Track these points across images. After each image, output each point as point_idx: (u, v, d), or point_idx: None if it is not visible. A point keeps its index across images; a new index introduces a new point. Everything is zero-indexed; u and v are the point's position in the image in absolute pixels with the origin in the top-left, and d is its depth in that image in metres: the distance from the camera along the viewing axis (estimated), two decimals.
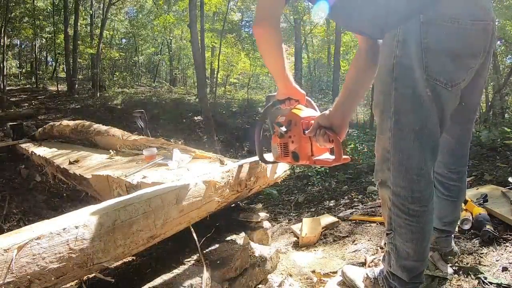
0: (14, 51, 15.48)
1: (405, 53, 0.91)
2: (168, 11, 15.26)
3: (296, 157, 1.15)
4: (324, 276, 1.50)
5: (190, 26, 6.19)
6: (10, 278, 0.72)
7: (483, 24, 0.91)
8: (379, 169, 1.08)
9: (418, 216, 1.00)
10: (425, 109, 0.93)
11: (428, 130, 0.96)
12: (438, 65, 0.90)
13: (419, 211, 1.00)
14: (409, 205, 1.00)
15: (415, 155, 0.97)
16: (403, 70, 0.93)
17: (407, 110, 0.95)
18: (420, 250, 1.04)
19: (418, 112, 0.94)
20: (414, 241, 1.03)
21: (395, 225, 1.05)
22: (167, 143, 2.37)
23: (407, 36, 0.91)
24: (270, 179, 1.65)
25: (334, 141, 1.06)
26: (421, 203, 1.00)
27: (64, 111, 9.22)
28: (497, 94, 7.61)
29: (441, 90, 0.92)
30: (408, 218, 1.01)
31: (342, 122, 1.12)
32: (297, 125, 1.15)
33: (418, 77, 0.91)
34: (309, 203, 3.11)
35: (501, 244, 1.49)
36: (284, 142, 1.19)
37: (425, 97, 0.92)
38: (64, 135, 3.96)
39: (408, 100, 0.94)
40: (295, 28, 13.17)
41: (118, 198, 1.05)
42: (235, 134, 10.12)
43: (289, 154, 1.17)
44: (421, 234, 1.02)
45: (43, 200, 4.56)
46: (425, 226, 1.03)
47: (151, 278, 1.14)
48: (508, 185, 2.18)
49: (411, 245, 1.03)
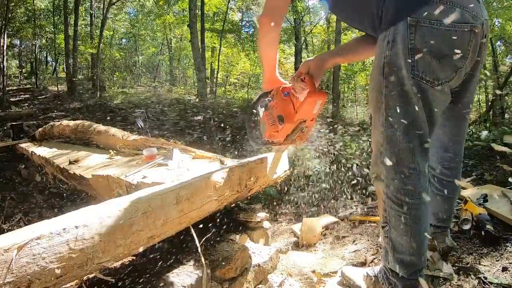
0: (14, 51, 15.47)
1: (394, 52, 0.97)
2: (168, 10, 15.25)
3: (281, 119, 1.18)
4: (324, 276, 1.50)
5: (190, 26, 6.18)
6: (10, 278, 0.72)
7: (469, 26, 0.94)
8: (374, 164, 1.13)
9: (411, 209, 1.03)
10: (413, 105, 0.99)
11: (416, 126, 1.00)
12: (424, 64, 0.95)
13: (412, 203, 1.03)
14: (402, 197, 1.04)
15: (405, 149, 1.02)
16: (392, 69, 0.98)
17: (396, 106, 1.00)
18: (415, 243, 1.05)
19: (406, 108, 0.99)
20: (408, 234, 1.05)
21: (390, 218, 1.08)
22: (167, 143, 2.37)
23: (396, 37, 0.97)
24: (270, 179, 1.65)
25: (306, 79, 1.11)
26: (413, 196, 1.03)
27: (64, 111, 9.21)
28: (497, 94, 7.60)
29: (427, 88, 0.98)
30: (401, 210, 1.04)
31: (319, 67, 1.18)
32: (278, 93, 1.23)
33: (405, 75, 0.97)
34: (309, 203, 3.11)
35: (501, 244, 1.49)
36: (269, 113, 1.24)
37: (411, 94, 0.98)
38: (64, 135, 3.96)
39: (397, 97, 1.00)
40: (295, 28, 13.15)
41: (118, 198, 1.05)
42: (235, 134, 10.12)
43: (275, 120, 1.21)
44: (416, 227, 1.04)
45: (43, 200, 4.56)
46: (420, 219, 1.05)
47: (151, 278, 1.14)
48: (508, 185, 2.18)
49: (406, 238, 1.05)
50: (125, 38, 18.15)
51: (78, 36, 11.77)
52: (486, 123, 5.53)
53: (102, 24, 12.05)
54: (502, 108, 8.37)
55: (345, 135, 5.99)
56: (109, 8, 12.48)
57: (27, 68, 16.44)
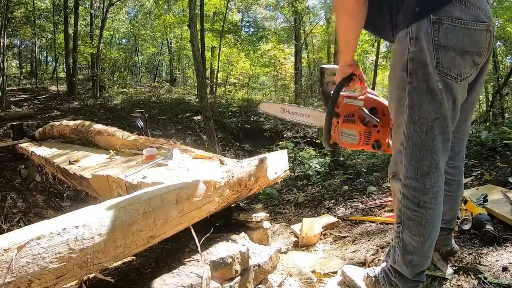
0: (14, 51, 15.47)
1: (418, 49, 0.97)
2: (168, 10, 15.25)
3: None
4: (324, 276, 1.50)
5: (190, 26, 6.17)
6: (10, 278, 0.72)
7: (485, 25, 0.97)
8: (393, 163, 1.12)
9: (429, 208, 1.03)
10: (438, 102, 0.98)
11: (440, 123, 1.00)
12: (448, 60, 0.96)
13: (430, 203, 1.03)
14: (421, 197, 1.03)
15: (427, 147, 1.01)
16: (417, 65, 0.98)
17: (421, 103, 0.99)
18: (426, 244, 1.05)
19: (431, 105, 0.98)
20: (422, 234, 1.04)
21: (404, 218, 1.07)
22: (167, 143, 2.37)
23: (419, 34, 0.96)
24: (270, 179, 1.65)
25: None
26: (433, 195, 1.03)
27: (64, 111, 9.21)
28: (497, 94, 7.60)
29: (451, 84, 0.98)
30: (419, 210, 1.03)
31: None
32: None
33: (430, 71, 0.96)
34: (309, 203, 3.11)
35: (501, 244, 1.49)
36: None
37: (437, 90, 0.97)
38: (64, 135, 3.96)
39: (422, 94, 0.98)
40: (295, 28, 13.16)
41: (118, 198, 1.05)
42: (235, 134, 10.12)
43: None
44: (429, 228, 1.04)
45: (43, 200, 4.57)
46: (434, 219, 1.04)
47: (151, 278, 1.14)
48: (508, 185, 2.18)
49: (418, 238, 1.05)
50: (125, 38, 18.16)
51: (78, 36, 11.77)
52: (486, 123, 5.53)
53: (102, 24, 12.06)
54: (502, 108, 8.38)
55: None
56: (109, 8, 12.48)
57: (27, 68, 16.44)
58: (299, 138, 5.75)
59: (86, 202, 2.83)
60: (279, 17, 17.87)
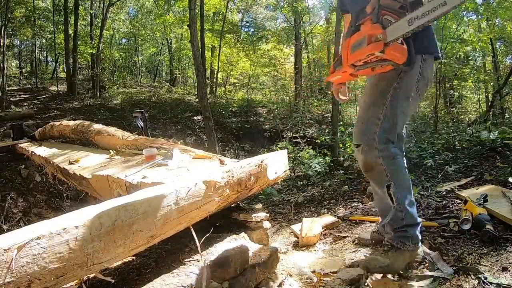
0: (14, 51, 15.47)
1: (412, 73, 1.41)
2: (168, 10, 15.24)
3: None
4: (324, 276, 1.50)
5: (190, 26, 6.17)
6: (10, 278, 0.72)
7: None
8: (362, 134, 1.44)
9: (399, 157, 1.43)
10: (413, 100, 1.47)
11: (410, 109, 1.52)
12: (423, 84, 1.46)
13: (399, 154, 1.43)
14: (393, 151, 1.41)
15: (402, 117, 1.46)
16: (408, 79, 1.41)
17: (404, 97, 1.43)
18: (408, 183, 1.43)
19: (409, 100, 1.46)
20: (406, 177, 1.43)
21: (389, 173, 1.39)
22: (167, 143, 2.37)
23: (414, 65, 1.39)
24: (270, 179, 1.65)
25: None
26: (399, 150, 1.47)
27: (64, 111, 9.21)
28: (497, 94, 7.59)
29: (420, 95, 1.49)
30: (394, 161, 1.39)
31: None
32: None
33: (414, 87, 1.45)
34: (309, 203, 3.11)
35: (501, 244, 1.49)
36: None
37: (415, 95, 1.47)
38: (64, 135, 3.96)
39: (408, 92, 1.44)
40: (295, 28, 13.15)
41: (118, 198, 1.05)
42: (235, 134, 10.11)
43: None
44: (404, 171, 1.43)
45: (43, 200, 4.57)
46: (403, 166, 1.45)
47: (151, 278, 1.14)
48: (508, 185, 2.18)
49: (404, 180, 1.41)
50: (125, 38, 18.14)
51: (78, 36, 11.76)
52: (486, 123, 5.53)
53: (102, 24, 12.06)
54: (502, 108, 8.37)
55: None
56: (109, 8, 12.48)
57: (27, 68, 16.44)
58: (299, 138, 5.75)
59: (86, 202, 2.83)
60: (279, 17, 17.87)
